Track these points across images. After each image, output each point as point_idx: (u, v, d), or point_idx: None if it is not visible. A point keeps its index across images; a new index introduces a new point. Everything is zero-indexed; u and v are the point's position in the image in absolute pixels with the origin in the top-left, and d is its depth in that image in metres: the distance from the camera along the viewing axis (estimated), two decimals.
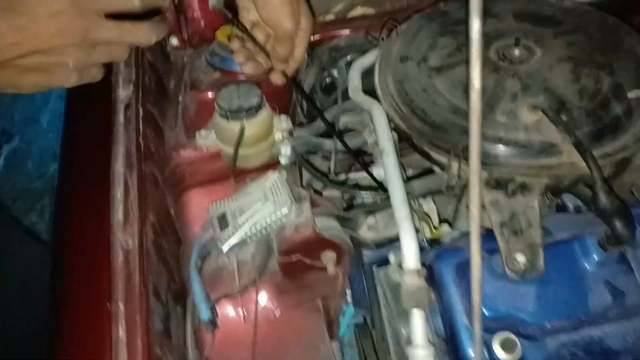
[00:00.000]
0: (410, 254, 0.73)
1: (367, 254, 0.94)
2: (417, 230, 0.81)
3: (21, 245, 1.39)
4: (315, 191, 0.96)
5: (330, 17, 1.14)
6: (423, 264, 0.82)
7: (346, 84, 1.12)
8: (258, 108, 0.85)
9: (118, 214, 0.76)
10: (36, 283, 0.82)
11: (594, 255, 0.77)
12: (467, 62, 0.83)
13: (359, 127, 1.03)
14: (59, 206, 0.85)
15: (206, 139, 0.89)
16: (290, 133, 0.92)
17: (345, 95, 1.01)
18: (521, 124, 0.80)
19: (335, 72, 1.13)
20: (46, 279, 0.75)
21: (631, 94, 0.82)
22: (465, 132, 0.80)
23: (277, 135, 0.90)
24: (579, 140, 0.75)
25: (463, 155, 0.77)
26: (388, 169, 0.79)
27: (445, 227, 0.91)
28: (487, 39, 0.93)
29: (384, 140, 0.82)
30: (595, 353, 0.76)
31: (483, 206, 0.85)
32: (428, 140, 0.82)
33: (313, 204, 0.87)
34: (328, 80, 1.13)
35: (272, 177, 0.88)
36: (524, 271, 0.74)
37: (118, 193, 0.78)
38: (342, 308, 1.01)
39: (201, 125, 0.94)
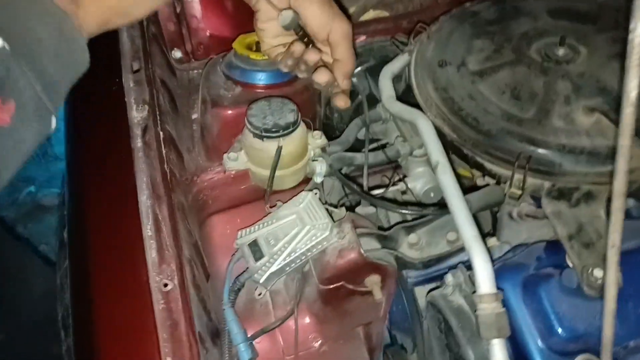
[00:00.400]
0: (485, 278, 0.67)
1: (411, 275, 0.88)
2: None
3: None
4: (347, 209, 0.89)
5: None
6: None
7: (366, 91, 1.05)
8: (295, 124, 0.78)
9: (152, 253, 0.68)
10: None
11: None
12: (509, 63, 0.77)
13: (382, 137, 0.97)
14: (76, 247, 0.76)
15: (236, 162, 0.81)
16: (324, 149, 0.85)
17: (370, 104, 0.94)
18: (581, 128, 0.75)
19: (354, 80, 1.06)
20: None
21: None
22: (525, 139, 0.75)
23: (312, 153, 0.83)
24: None
25: (528, 165, 0.72)
26: (447, 184, 0.73)
27: (492, 240, 0.85)
28: (527, 39, 0.88)
29: (437, 153, 0.76)
30: None
31: (529, 216, 0.80)
32: (484, 150, 0.76)
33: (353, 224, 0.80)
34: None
35: (307, 198, 0.80)
36: (602, 286, 0.69)
37: (149, 229, 0.69)
38: (384, 333, 0.94)
39: (224, 146, 0.85)
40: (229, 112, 0.85)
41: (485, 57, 0.86)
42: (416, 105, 0.85)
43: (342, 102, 0.84)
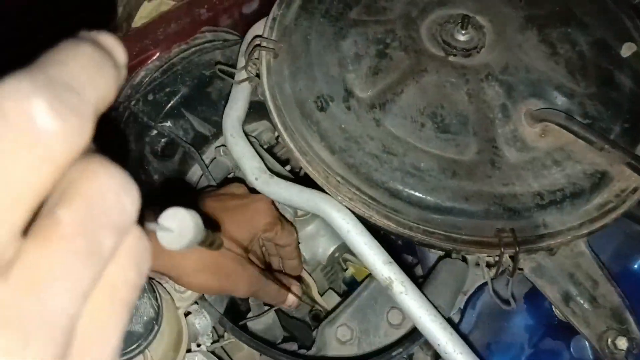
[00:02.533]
0: None
1: None
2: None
3: None
4: None
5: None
6: None
7: (188, 136, 0.71)
8: (157, 317, 0.45)
9: None
10: None
11: None
12: (410, 74, 0.55)
13: None
14: None
15: None
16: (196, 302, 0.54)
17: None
18: (540, 151, 0.55)
19: (168, 124, 0.70)
20: None
21: (625, 51, 0.61)
22: (492, 202, 0.50)
23: (189, 320, 0.52)
24: (627, 151, 0.53)
25: (517, 239, 0.50)
26: (412, 304, 0.49)
27: None
28: (408, 21, 0.62)
29: (382, 262, 0.50)
30: None
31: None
32: (445, 235, 0.52)
33: None
34: (164, 140, 0.71)
35: None
36: (627, 353, 0.54)
37: None
38: None
39: None
40: None
41: (371, 71, 0.58)
42: (301, 178, 0.57)
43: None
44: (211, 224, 0.32)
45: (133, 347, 0.43)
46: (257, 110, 0.67)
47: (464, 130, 0.55)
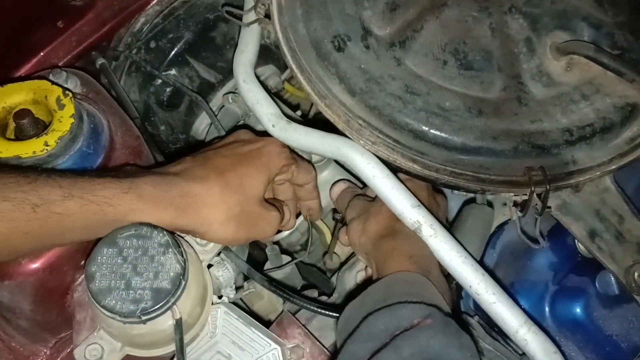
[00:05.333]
0: None
1: None
2: None
3: None
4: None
5: None
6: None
7: (193, 84, 0.69)
8: (184, 271, 0.44)
9: None
10: None
11: None
12: (429, 10, 0.51)
13: None
14: None
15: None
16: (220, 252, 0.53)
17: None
18: (569, 85, 0.53)
19: (173, 72, 0.67)
20: None
21: None
22: (519, 140, 0.48)
23: (212, 273, 0.51)
24: None
25: (547, 177, 0.49)
26: (450, 257, 0.48)
27: None
28: None
29: (410, 209, 0.49)
30: None
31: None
32: (473, 176, 0.50)
33: None
34: (169, 90, 0.68)
35: (220, 316, 0.51)
36: None
37: None
38: None
39: (52, 318, 0.48)
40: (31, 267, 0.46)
41: (389, 7, 0.55)
42: (319, 122, 0.55)
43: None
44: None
45: (161, 303, 0.42)
46: (261, 54, 0.65)
47: (488, 67, 0.53)
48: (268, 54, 0.71)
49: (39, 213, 0.40)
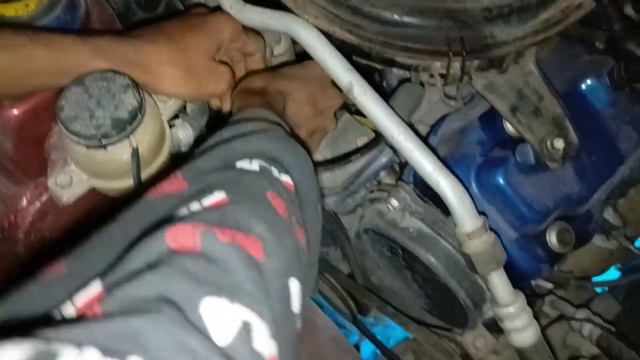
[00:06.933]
0: (467, 212, 0.55)
1: (328, 201, 0.73)
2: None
3: None
4: None
5: None
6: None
7: None
8: (141, 107, 0.51)
9: None
10: None
11: (608, 96, 0.66)
12: None
13: None
14: None
15: (71, 187, 0.53)
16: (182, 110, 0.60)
17: None
18: None
19: None
20: None
21: None
22: (444, 16, 0.56)
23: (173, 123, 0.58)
24: None
25: (464, 47, 0.55)
26: (374, 108, 0.55)
27: None
28: None
29: (344, 70, 0.56)
30: (626, 187, 0.70)
31: None
32: (394, 45, 0.57)
33: None
34: None
35: None
36: (563, 154, 0.61)
37: None
38: None
39: (31, 162, 0.56)
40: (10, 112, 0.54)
41: None
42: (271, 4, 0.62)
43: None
44: None
45: (118, 129, 0.49)
46: None
47: None
48: None
49: (8, 54, 0.48)
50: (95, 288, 0.31)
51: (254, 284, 0.33)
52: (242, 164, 0.43)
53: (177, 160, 0.54)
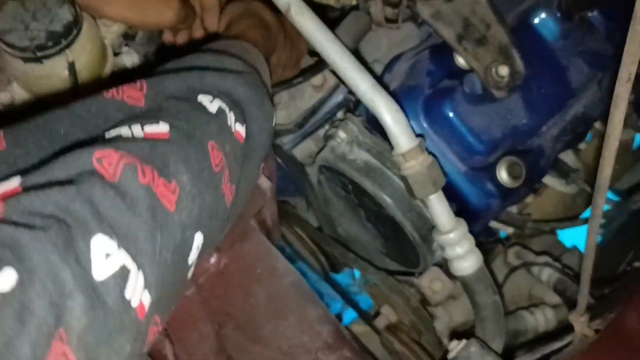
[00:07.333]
0: (402, 132, 0.55)
1: (285, 141, 0.74)
2: None
3: None
4: None
5: None
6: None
7: None
8: (77, 22, 0.52)
9: None
10: None
11: (558, 28, 0.66)
12: None
13: None
14: None
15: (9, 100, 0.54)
16: (127, 35, 0.61)
17: None
18: None
19: None
20: None
21: None
22: None
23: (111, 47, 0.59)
24: None
25: None
26: (312, 29, 0.55)
27: None
28: None
29: None
30: (580, 125, 0.70)
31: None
32: None
33: None
34: None
35: None
36: (509, 82, 0.61)
37: None
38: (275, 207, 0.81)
39: None
40: None
41: None
42: None
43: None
44: None
45: (53, 42, 0.50)
46: None
47: None
48: None
49: None
50: (13, 183, 0.32)
51: (147, 235, 0.34)
52: (204, 99, 0.43)
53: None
